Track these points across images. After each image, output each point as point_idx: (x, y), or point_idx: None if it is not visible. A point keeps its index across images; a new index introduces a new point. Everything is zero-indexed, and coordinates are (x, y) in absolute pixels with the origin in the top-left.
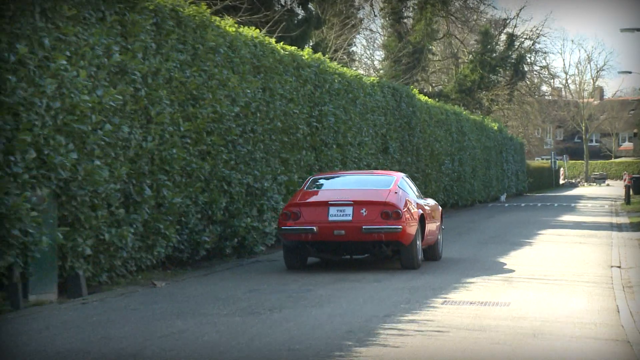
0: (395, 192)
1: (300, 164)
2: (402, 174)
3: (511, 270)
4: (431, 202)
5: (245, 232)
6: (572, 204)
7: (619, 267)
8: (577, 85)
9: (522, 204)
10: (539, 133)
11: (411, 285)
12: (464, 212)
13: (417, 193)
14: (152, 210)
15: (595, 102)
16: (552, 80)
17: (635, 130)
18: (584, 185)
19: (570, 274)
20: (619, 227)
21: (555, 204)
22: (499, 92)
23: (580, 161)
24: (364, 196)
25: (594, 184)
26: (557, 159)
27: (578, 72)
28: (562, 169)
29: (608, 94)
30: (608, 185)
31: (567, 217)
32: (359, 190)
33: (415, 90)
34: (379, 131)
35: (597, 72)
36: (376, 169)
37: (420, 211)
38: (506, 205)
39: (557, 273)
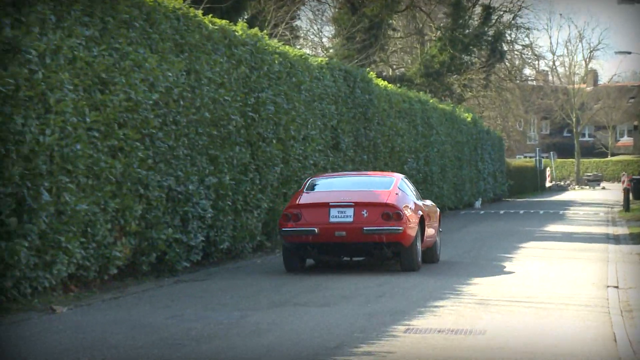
0: (396, 194)
1: (233, 162)
2: (401, 175)
3: (488, 292)
4: (429, 203)
5: (166, 245)
6: (561, 212)
7: (617, 287)
8: (567, 68)
9: (501, 212)
10: (520, 126)
11: (367, 311)
12: None
13: (416, 194)
14: (51, 219)
15: (588, 88)
16: (536, 62)
17: (635, 123)
18: (574, 188)
19: (558, 295)
20: (616, 239)
21: (541, 212)
22: (473, 76)
23: (570, 160)
24: (365, 197)
25: (587, 187)
26: (543, 157)
27: (567, 53)
28: (548, 169)
29: (603, 79)
30: (604, 188)
31: (554, 228)
32: (360, 192)
33: (373, 74)
34: (329, 123)
35: (590, 52)
36: (325, 168)
37: (420, 212)
38: (482, 212)
39: (543, 295)
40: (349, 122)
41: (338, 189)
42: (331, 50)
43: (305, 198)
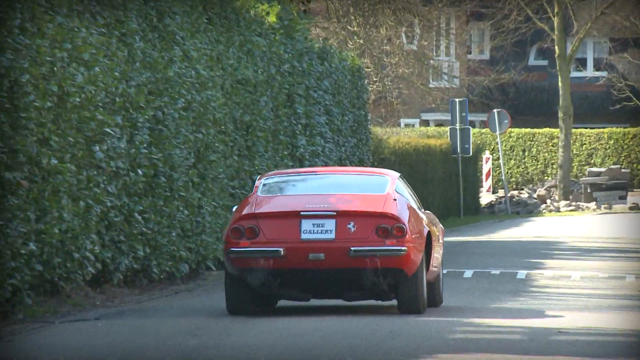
0: (394, 199)
1: None
2: (396, 174)
3: None
4: (430, 215)
5: None
6: (521, 273)
7: None
8: None
9: None
10: (412, 40)
11: None
12: (163, 307)
13: (416, 201)
14: None
15: None
16: None
17: None
18: (558, 208)
19: None
20: None
21: (468, 272)
22: None
23: (546, 131)
24: (352, 204)
25: (593, 204)
26: (473, 126)
27: None
28: (488, 156)
29: None
30: (636, 207)
31: (504, 320)
32: (343, 196)
33: None
34: None
35: None
36: None
37: (427, 228)
38: None
39: None
40: None
41: (310, 192)
42: None
43: (263, 204)
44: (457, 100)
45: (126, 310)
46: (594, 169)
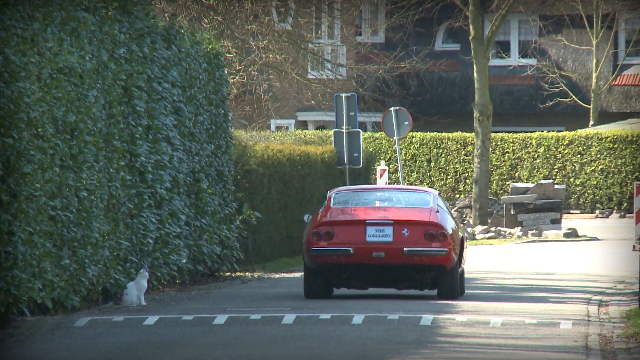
0: (437, 211)
1: None
2: (436, 191)
3: None
4: (458, 221)
5: None
6: (425, 317)
7: None
8: None
9: (222, 321)
10: (284, 18)
11: None
12: None
13: (450, 212)
14: None
15: None
16: None
17: None
18: (472, 235)
19: None
20: None
21: (356, 316)
22: None
23: (457, 135)
24: (405, 215)
25: (515, 230)
26: (364, 129)
27: None
28: (380, 169)
29: None
30: (571, 234)
31: None
32: (399, 209)
33: None
34: None
35: None
36: None
37: (461, 234)
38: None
39: None
40: None
41: (372, 205)
42: None
43: (336, 214)
44: (343, 95)
45: None
46: (519, 185)
